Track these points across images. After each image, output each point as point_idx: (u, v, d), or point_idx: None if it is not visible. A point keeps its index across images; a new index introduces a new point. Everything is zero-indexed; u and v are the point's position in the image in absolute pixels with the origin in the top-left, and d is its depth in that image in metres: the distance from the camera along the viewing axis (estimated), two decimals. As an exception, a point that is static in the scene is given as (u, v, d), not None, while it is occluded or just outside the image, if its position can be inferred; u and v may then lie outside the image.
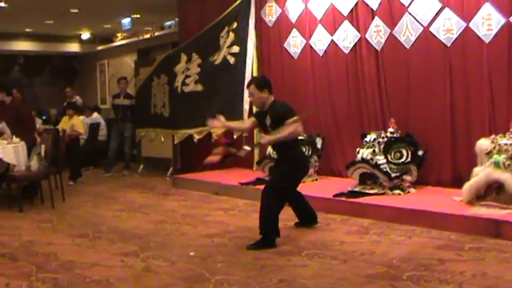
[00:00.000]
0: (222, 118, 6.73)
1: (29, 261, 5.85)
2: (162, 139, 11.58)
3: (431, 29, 7.92)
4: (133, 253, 5.95)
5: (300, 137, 7.01)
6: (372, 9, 8.62)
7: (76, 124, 11.77)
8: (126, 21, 14.65)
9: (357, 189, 7.84)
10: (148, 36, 15.05)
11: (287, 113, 6.33)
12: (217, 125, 6.94)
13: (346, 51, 9.05)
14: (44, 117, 13.95)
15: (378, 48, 8.59)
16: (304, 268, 5.30)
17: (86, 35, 17.04)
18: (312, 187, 8.62)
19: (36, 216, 8.23)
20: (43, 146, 9.13)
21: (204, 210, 8.24)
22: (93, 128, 13.74)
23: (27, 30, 16.12)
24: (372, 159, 7.77)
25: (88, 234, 6.82)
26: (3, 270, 5.56)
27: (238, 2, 10.21)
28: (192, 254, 5.82)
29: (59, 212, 8.47)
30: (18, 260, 5.93)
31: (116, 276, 5.25)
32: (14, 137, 9.26)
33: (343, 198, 7.67)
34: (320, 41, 9.41)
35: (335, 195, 7.77)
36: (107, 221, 7.74)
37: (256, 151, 9.87)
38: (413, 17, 8.10)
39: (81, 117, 12.69)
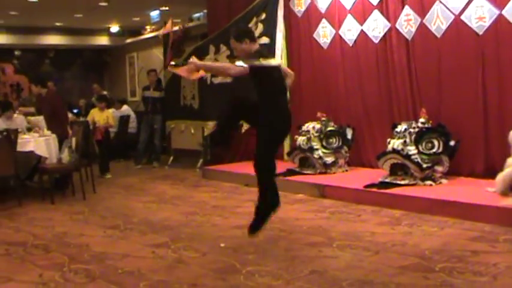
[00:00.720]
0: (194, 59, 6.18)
1: (61, 252, 5.92)
2: (192, 131, 11.61)
3: (462, 17, 7.82)
4: (164, 244, 5.98)
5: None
6: (402, -2, 8.55)
7: (109, 117, 11.85)
8: (154, 13, 14.68)
9: (387, 180, 7.78)
10: (177, 28, 15.05)
11: (252, 53, 5.76)
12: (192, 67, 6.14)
13: (376, 41, 8.98)
14: (75, 111, 14.05)
15: (409, 37, 8.51)
16: (335, 259, 5.28)
17: (115, 28, 17.13)
18: (342, 178, 8.63)
19: (68, 208, 8.32)
20: (74, 139, 9.20)
21: (234, 201, 8.25)
22: (123, 120, 13.83)
23: (57, 24, 16.25)
24: (402, 149, 7.70)
25: (119, 226, 6.87)
26: (36, 261, 5.63)
27: (266, -8, 10.19)
28: (222, 245, 5.83)
29: (90, 203, 8.55)
30: (51, 251, 6.00)
31: (148, 267, 5.27)
32: (45, 129, 9.36)
33: (374, 189, 7.62)
34: (350, 31, 9.36)
35: (366, 186, 7.73)
36: (137, 212, 7.78)
37: (287, 142, 9.85)
38: (444, 5, 8.00)
39: (111, 110, 12.77)
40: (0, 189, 9.14)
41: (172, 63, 5.97)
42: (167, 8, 14.14)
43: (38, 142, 8.96)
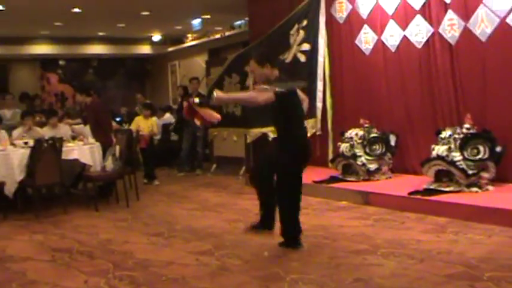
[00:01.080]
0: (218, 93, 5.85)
1: (106, 259, 5.98)
2: (235, 138, 11.63)
3: (508, 20, 7.69)
4: (208, 252, 5.99)
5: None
6: (445, 2, 8.44)
7: (153, 125, 11.94)
8: (196, 21, 14.78)
9: (432, 186, 7.69)
10: (218, 36, 15.15)
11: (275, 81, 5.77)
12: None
13: (419, 46, 8.90)
14: (117, 119, 14.19)
15: (452, 42, 8.41)
16: (380, 267, 5.23)
17: (157, 37, 17.29)
18: (386, 185, 8.56)
19: (112, 215, 8.40)
20: (118, 147, 9.30)
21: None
22: (166, 128, 13.92)
23: (100, 33, 16.46)
24: (447, 156, 7.60)
25: (163, 233, 6.91)
26: (81, 268, 5.70)
27: (308, -1, 10.18)
28: (266, 253, 5.81)
29: (134, 211, 8.61)
30: (95, 258, 6.07)
31: (192, 274, 5.29)
32: (90, 138, 9.48)
33: (418, 196, 7.54)
34: (392, 36, 9.28)
35: (410, 193, 7.65)
36: (181, 219, 7.81)
37: (330, 149, 9.82)
38: (488, 8, 7.88)
39: (154, 118, 12.87)
40: (45, 196, 9.29)
41: (196, 100, 5.82)
42: (209, 16, 14.23)
43: (83, 150, 9.07)
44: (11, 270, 5.76)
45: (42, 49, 16.47)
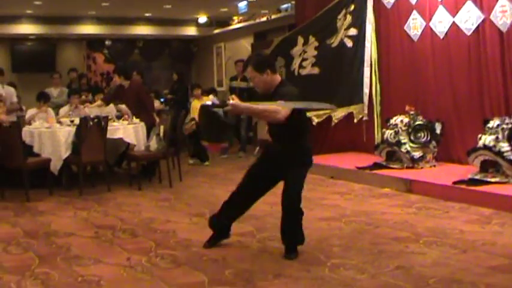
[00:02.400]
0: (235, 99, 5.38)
1: (148, 237, 6.05)
2: (279, 122, 11.59)
3: None
4: (249, 233, 6.01)
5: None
6: (498, -12, 8.28)
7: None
8: (242, 4, 14.71)
9: (477, 177, 7.57)
10: (264, 19, 15.07)
11: (291, 96, 5.16)
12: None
13: (469, 33, 8.73)
14: (162, 100, 14.27)
15: (503, 29, 8.22)
16: (422, 256, 5.19)
17: (203, 19, 17.28)
18: (430, 173, 8.47)
19: (154, 194, 8.47)
20: (162, 127, 9.36)
21: (320, 193, 8.20)
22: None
23: (147, 14, 16.52)
24: (494, 146, 7.46)
25: (205, 214, 6.93)
26: (124, 245, 5.78)
27: (355, -17, 10.08)
28: None
29: (177, 191, 8.67)
30: (138, 236, 6.15)
31: (232, 255, 5.33)
32: (134, 117, 9.56)
33: (463, 186, 7.44)
34: (441, 22, 9.13)
35: (454, 183, 7.55)
36: (223, 201, 7.82)
37: (378, 136, 9.76)
38: (543, -5, 7.70)
39: (210, 96, 12.84)
40: (90, 174, 9.42)
41: (208, 103, 5.46)
42: (255, -1, 14.18)
43: (127, 129, 9.15)
44: (56, 244, 5.87)
45: (89, 29, 16.60)
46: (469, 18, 8.68)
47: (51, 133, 8.67)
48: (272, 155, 5.45)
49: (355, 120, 9.97)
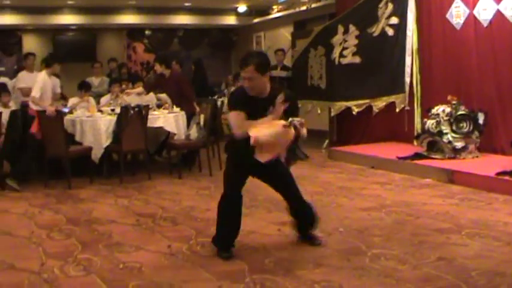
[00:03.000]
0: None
1: (189, 225, 6.09)
2: (319, 111, 11.56)
3: None
4: (289, 223, 5.99)
5: None
6: (544, -26, 8.10)
7: None
8: (282, -7, 14.69)
9: (522, 168, 7.44)
10: (304, 8, 14.98)
11: (297, 109, 5.06)
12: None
13: (514, 21, 8.58)
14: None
15: (550, 17, 8.06)
16: (464, 247, 5.12)
17: (242, 8, 17.25)
18: (472, 164, 8.34)
19: (194, 183, 8.50)
20: (202, 116, 9.38)
21: (360, 183, 8.15)
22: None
23: (186, 4, 16.55)
24: (539, 136, 7.34)
25: (245, 203, 6.81)
26: (165, 233, 5.83)
27: (397, -29, 9.97)
28: (341, 229, 5.76)
29: (217, 179, 8.63)
30: (178, 224, 6.19)
31: (273, 244, 5.33)
32: (174, 106, 9.60)
33: (506, 177, 7.30)
34: (485, 10, 8.96)
35: (498, 174, 7.42)
36: (263, 190, 7.74)
37: (417, 125, 9.67)
38: None
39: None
40: (130, 163, 9.49)
41: None
42: (295, -12, 14.11)
43: (168, 118, 9.20)
44: (98, 231, 5.94)
45: (129, 19, 16.69)
46: (514, 6, 8.53)
47: (92, 122, 8.76)
48: None
49: (397, 110, 9.88)
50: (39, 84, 8.59)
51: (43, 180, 8.36)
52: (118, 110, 8.86)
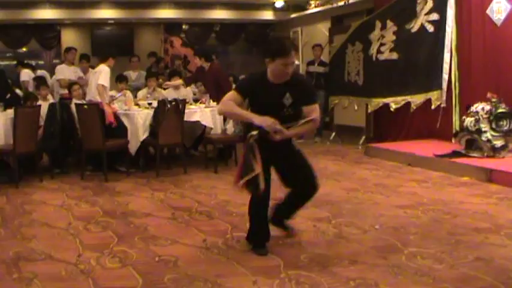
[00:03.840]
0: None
1: (224, 220, 6.10)
2: (356, 107, 11.50)
3: None
4: (325, 219, 5.97)
5: None
6: None
7: None
8: (320, -12, 14.61)
9: (563, 167, 7.31)
10: (342, 3, 14.87)
11: (314, 96, 5.04)
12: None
13: (556, 18, 8.42)
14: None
15: None
16: (503, 248, 5.03)
17: (279, 3, 17.19)
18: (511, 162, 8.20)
19: (230, 177, 8.42)
20: (239, 111, 9.37)
21: (396, 180, 8.08)
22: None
23: (223, -1, 16.61)
24: None
25: (280, 197, 6.91)
26: (200, 227, 5.84)
27: (435, -34, 9.84)
28: (377, 227, 5.71)
29: (252, 175, 8.67)
30: (214, 218, 6.21)
31: (308, 240, 5.32)
32: (211, 101, 9.61)
33: (548, 176, 7.19)
34: (527, 6, 8.83)
35: (539, 172, 7.30)
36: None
37: (455, 122, 9.55)
38: None
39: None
40: (167, 156, 9.54)
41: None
42: (333, -17, 14.02)
43: (204, 113, 9.22)
44: (134, 224, 5.98)
45: (166, 13, 16.75)
46: (556, 2, 8.37)
47: (129, 115, 8.82)
48: None
49: (433, 107, 9.77)
50: (107, 75, 8.84)
51: (80, 172, 8.45)
52: (155, 104, 8.90)
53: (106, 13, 15.97)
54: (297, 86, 4.82)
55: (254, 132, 4.73)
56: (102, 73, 8.78)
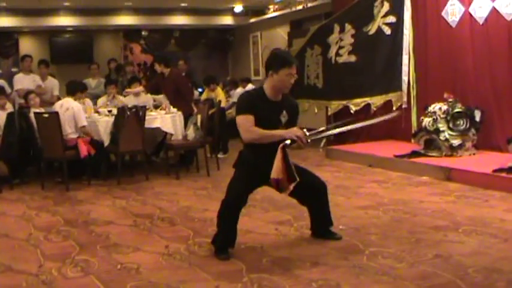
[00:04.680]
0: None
1: (186, 225, 6.10)
2: (316, 110, 11.58)
3: None
4: (287, 222, 6.01)
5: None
6: (540, -30, 8.11)
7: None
8: (278, -8, 14.68)
9: (519, 164, 7.45)
10: (300, 7, 14.97)
11: (297, 117, 5.18)
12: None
13: (509, 18, 8.56)
14: (200, 90, 14.29)
15: (544, 14, 8.07)
16: (461, 245, 5.12)
17: (238, 8, 17.24)
18: (469, 161, 8.36)
19: (192, 183, 8.51)
20: (199, 116, 9.39)
21: (357, 181, 8.16)
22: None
23: (183, 4, 16.54)
24: (536, 133, 7.34)
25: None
26: (162, 233, 5.83)
27: (392, -31, 9.97)
28: (341, 227, 5.74)
29: (214, 180, 8.70)
30: (176, 224, 6.20)
31: (270, 243, 5.34)
32: (171, 107, 9.60)
33: (503, 174, 7.31)
34: (480, 8, 8.97)
35: (494, 171, 7.43)
36: (260, 189, 7.70)
37: (414, 123, 9.69)
38: None
39: (238, 89, 12.82)
40: (128, 164, 9.50)
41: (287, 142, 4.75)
42: (291, -13, 14.10)
43: (165, 119, 9.21)
44: (95, 232, 5.95)
45: (126, 20, 16.68)
46: (509, 3, 8.52)
47: (89, 123, 8.76)
48: None
49: (394, 108, 9.89)
50: (83, 113, 8.74)
51: (40, 182, 8.37)
52: (115, 111, 8.86)
53: (64, 20, 15.84)
54: (291, 105, 5.08)
55: (288, 142, 4.77)
56: (80, 114, 8.57)
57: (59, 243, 5.67)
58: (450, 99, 8.89)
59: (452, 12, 9.43)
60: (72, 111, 8.47)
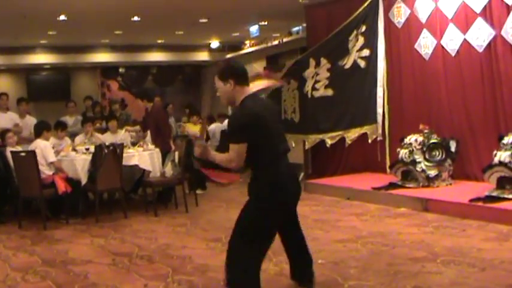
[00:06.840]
0: None
1: (165, 263, 6.06)
2: (293, 144, 11.60)
3: None
4: (266, 258, 5.98)
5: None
6: (507, 4, 8.30)
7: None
8: (254, 28, 14.80)
9: (494, 193, 7.54)
10: (276, 42, 15.16)
11: (230, 132, 4.51)
12: None
13: (480, 50, 8.74)
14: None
15: (515, 45, 8.23)
16: (439, 275, 5.16)
17: (215, 44, 17.40)
18: (446, 191, 8.44)
19: (170, 220, 8.48)
20: (177, 153, 9.40)
21: (336, 215, 8.19)
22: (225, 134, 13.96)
23: (159, 41, 16.68)
24: (510, 162, 7.43)
25: (221, 239, 6.92)
26: (141, 272, 5.79)
27: (365, 4, 10.12)
28: (320, 261, 5.74)
29: (193, 216, 8.68)
30: (155, 262, 6.15)
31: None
32: (149, 144, 9.60)
33: (480, 203, 7.40)
34: (452, 40, 9.15)
35: (471, 200, 7.52)
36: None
37: (388, 155, 9.75)
38: (554, 10, 7.70)
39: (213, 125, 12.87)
40: (106, 201, 9.45)
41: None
42: (266, 23, 14.23)
43: (142, 156, 9.20)
44: (73, 272, 5.89)
45: (103, 57, 16.78)
46: (480, 35, 8.70)
47: (67, 162, 8.73)
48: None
49: (369, 141, 9.96)
50: (51, 150, 8.68)
51: (17, 221, 8.30)
52: (92, 149, 8.84)
53: (41, 58, 15.89)
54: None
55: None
56: (47, 151, 8.51)
57: (37, 283, 5.61)
58: (425, 131, 8.99)
59: (425, 45, 9.59)
60: (40, 149, 8.43)
